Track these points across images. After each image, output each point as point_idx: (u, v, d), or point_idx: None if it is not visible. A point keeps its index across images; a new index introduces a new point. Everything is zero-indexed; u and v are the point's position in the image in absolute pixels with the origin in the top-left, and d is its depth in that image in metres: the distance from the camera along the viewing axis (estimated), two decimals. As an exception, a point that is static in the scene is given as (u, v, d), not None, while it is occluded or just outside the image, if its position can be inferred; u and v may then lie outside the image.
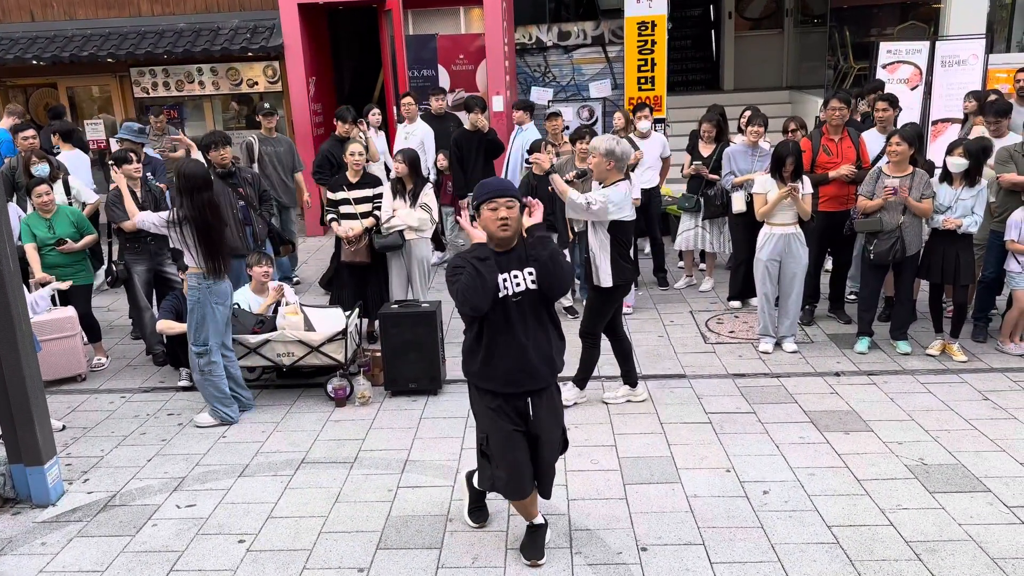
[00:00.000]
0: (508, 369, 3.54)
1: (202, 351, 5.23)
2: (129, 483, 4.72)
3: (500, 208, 3.45)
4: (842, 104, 6.53)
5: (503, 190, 3.50)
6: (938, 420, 5.10)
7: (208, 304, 5.18)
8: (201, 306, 5.19)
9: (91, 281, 6.63)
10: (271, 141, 8.33)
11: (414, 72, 10.40)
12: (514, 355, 3.53)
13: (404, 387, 5.73)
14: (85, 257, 6.57)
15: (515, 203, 3.49)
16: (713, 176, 7.40)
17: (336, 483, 4.59)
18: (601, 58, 11.85)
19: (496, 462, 3.66)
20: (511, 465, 3.62)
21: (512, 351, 3.52)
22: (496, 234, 3.48)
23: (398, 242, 6.43)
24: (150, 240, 6.37)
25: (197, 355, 5.25)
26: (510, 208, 3.46)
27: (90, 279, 6.61)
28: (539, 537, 3.86)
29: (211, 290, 5.19)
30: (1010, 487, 4.30)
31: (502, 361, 3.54)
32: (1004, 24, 12.19)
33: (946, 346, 6.09)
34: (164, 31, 11.01)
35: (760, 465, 4.63)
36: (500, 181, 3.67)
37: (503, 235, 3.47)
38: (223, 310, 5.29)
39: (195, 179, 5.15)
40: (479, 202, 3.50)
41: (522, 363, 3.54)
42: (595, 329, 5.39)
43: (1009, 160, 6.09)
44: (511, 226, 3.47)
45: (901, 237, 5.83)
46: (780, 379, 5.83)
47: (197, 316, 5.20)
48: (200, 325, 5.20)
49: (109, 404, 5.89)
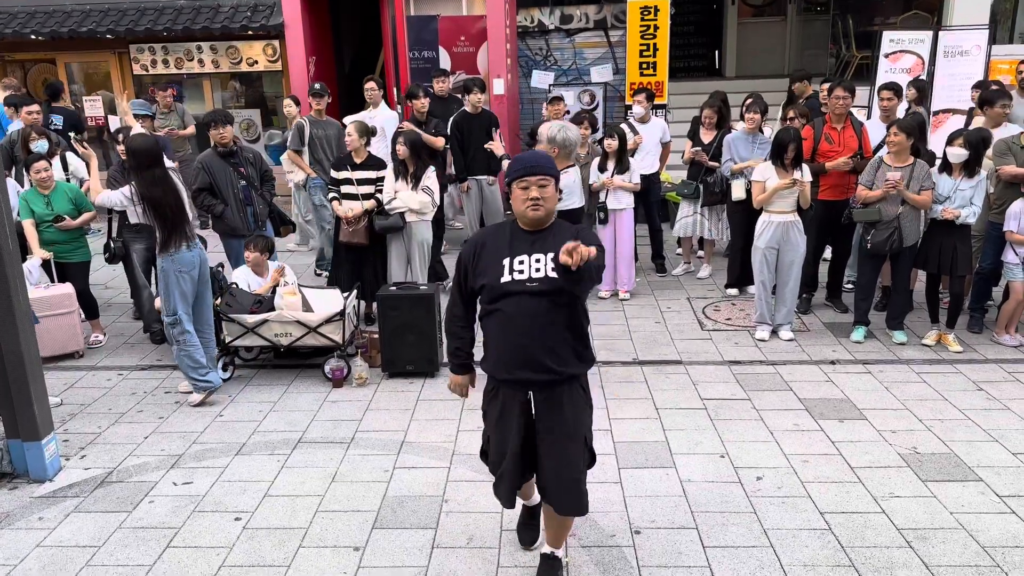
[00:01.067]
0: (513, 352, 3.20)
1: (173, 320, 5.24)
2: (126, 460, 4.74)
3: (531, 187, 3.11)
4: (847, 93, 6.52)
5: (535, 166, 3.14)
6: (932, 409, 5.13)
7: (171, 273, 5.17)
8: (165, 275, 5.18)
9: (88, 258, 6.64)
10: (321, 124, 8.13)
11: (415, 53, 10.34)
12: (514, 341, 3.19)
13: (401, 369, 5.75)
14: (83, 234, 6.56)
15: (548, 181, 3.14)
16: (713, 163, 7.40)
17: (333, 463, 4.61)
18: (603, 42, 11.79)
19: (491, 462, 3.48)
20: (500, 470, 3.40)
21: (513, 336, 3.19)
22: (525, 214, 3.14)
23: (399, 224, 6.43)
24: None
25: (169, 325, 5.27)
26: (542, 187, 3.12)
27: (87, 256, 6.62)
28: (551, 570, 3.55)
29: (174, 259, 5.15)
30: (1001, 476, 4.33)
31: (504, 345, 3.23)
32: (1007, 15, 12.15)
33: (942, 336, 6.12)
34: (164, 8, 10.93)
35: (754, 451, 4.66)
36: (534, 156, 3.25)
37: (533, 215, 3.13)
38: (188, 279, 5.26)
39: (141, 154, 5.11)
40: (510, 179, 3.19)
41: (523, 351, 3.18)
42: None
43: (1007, 152, 6.09)
44: (542, 206, 3.13)
45: (899, 228, 5.84)
46: (776, 367, 5.86)
47: (163, 285, 5.22)
48: (167, 294, 5.21)
49: (107, 381, 5.90)
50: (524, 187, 3.13)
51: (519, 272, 3.14)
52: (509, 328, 3.19)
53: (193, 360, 5.33)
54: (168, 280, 5.19)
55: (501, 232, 3.28)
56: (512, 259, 3.16)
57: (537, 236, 3.19)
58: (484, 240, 3.28)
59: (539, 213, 3.14)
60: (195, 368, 5.35)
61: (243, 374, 5.92)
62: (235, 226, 6.47)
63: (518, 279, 3.14)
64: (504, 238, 3.23)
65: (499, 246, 3.21)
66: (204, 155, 6.56)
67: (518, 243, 3.19)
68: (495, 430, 3.40)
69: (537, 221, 3.17)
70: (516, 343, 3.19)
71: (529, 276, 3.14)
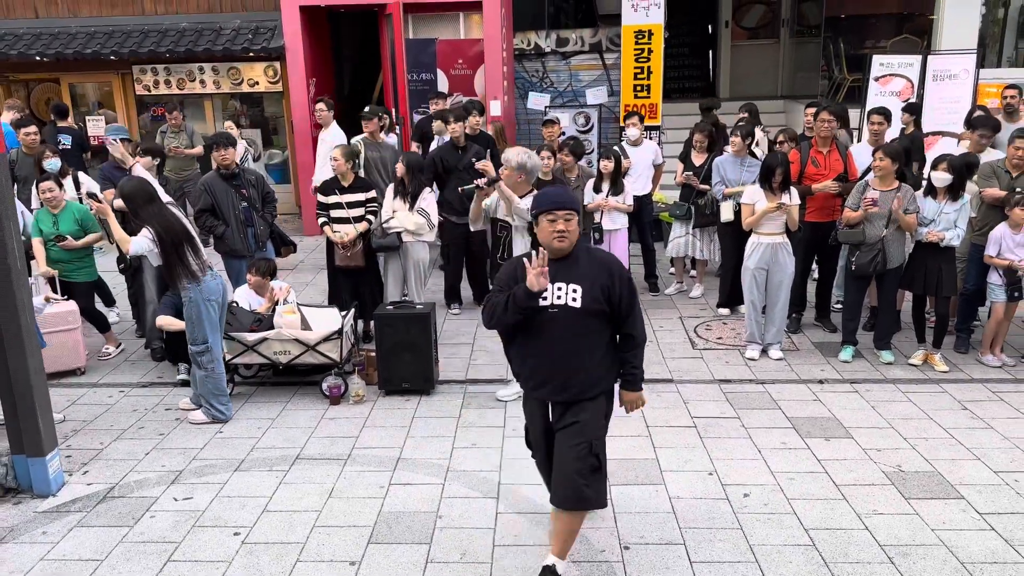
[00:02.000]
0: (533, 372, 3.60)
1: (202, 349, 5.34)
2: (127, 475, 4.84)
3: (559, 220, 3.44)
4: (832, 116, 6.68)
5: (563, 202, 3.48)
6: (917, 428, 5.24)
7: (200, 302, 5.28)
8: (194, 304, 5.28)
9: (93, 278, 6.75)
10: (376, 146, 8.03)
11: (413, 75, 10.51)
12: (539, 361, 3.55)
13: (398, 386, 5.86)
14: (89, 254, 6.68)
15: (573, 215, 3.48)
16: (704, 186, 7.55)
17: (330, 479, 4.71)
18: (598, 65, 11.99)
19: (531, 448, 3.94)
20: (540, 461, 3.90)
21: (538, 357, 3.56)
22: (552, 245, 3.47)
23: (395, 243, 6.56)
24: None
25: (198, 354, 5.36)
26: (568, 220, 3.45)
27: (92, 276, 6.73)
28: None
29: (202, 289, 5.27)
30: (983, 495, 4.44)
31: (530, 363, 3.61)
32: (996, 39, 12.37)
33: (928, 356, 6.24)
34: (167, 30, 11.13)
35: (742, 469, 4.77)
36: (560, 192, 3.71)
37: (559, 246, 3.47)
38: (216, 307, 5.39)
39: (135, 197, 5.19)
40: (538, 212, 3.51)
41: (545, 370, 3.54)
42: None
43: (992, 175, 6.25)
44: (568, 238, 3.47)
45: (883, 250, 5.98)
46: (765, 385, 5.97)
47: (193, 315, 5.31)
48: (197, 323, 5.31)
49: (108, 398, 6.01)
50: (552, 220, 3.45)
51: (542, 299, 3.45)
52: (531, 349, 3.57)
53: (219, 388, 5.45)
54: (198, 309, 5.28)
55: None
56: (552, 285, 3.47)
57: (561, 264, 3.50)
58: (522, 264, 3.51)
59: (564, 244, 3.48)
60: (218, 396, 5.47)
61: (242, 391, 6.03)
62: (236, 247, 6.60)
63: (544, 304, 3.46)
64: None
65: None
66: (206, 177, 6.71)
67: (554, 271, 3.47)
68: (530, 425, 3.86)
69: (562, 251, 3.49)
70: (536, 364, 3.57)
71: (551, 303, 3.45)
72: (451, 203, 7.53)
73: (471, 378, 6.22)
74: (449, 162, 7.57)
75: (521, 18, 11.98)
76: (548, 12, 13.16)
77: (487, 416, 5.52)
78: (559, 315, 3.45)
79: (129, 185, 5.34)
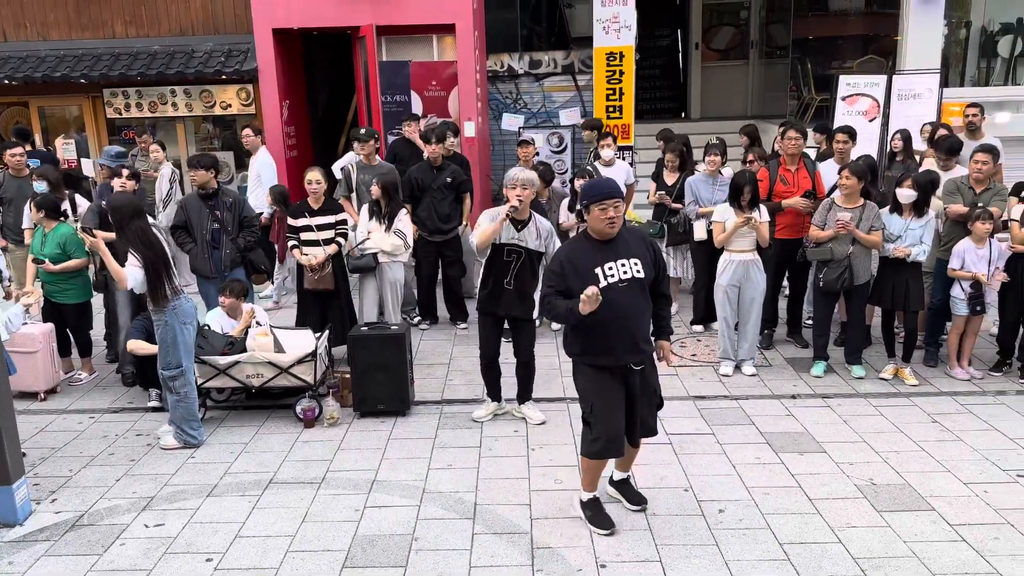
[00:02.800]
0: (614, 344, 4.04)
1: (176, 373, 5.28)
2: (97, 503, 4.76)
3: (609, 208, 3.95)
4: (798, 134, 6.80)
5: (612, 191, 4.01)
6: (888, 442, 5.31)
7: (175, 325, 5.23)
8: (168, 328, 5.23)
9: (82, 300, 6.64)
10: (369, 168, 7.76)
11: (387, 97, 10.55)
12: (619, 332, 4.03)
13: (372, 408, 5.83)
14: (75, 276, 6.58)
15: (620, 203, 4.02)
16: (676, 205, 7.63)
17: (303, 503, 4.66)
18: (571, 86, 12.11)
19: (596, 428, 4.14)
20: (612, 427, 4.12)
21: (616, 329, 4.02)
22: (604, 231, 4.00)
23: (371, 264, 6.55)
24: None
25: (171, 378, 5.28)
26: (616, 208, 3.97)
27: (79, 298, 6.62)
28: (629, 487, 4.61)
29: (176, 311, 5.22)
30: (953, 506, 4.50)
31: (609, 337, 4.03)
32: (958, 59, 12.67)
33: (898, 370, 6.32)
34: (138, 53, 11.08)
35: (717, 485, 4.79)
36: (608, 182, 4.16)
37: (610, 231, 4.00)
38: (191, 330, 5.35)
39: (123, 210, 5.17)
40: (590, 202, 3.99)
41: (626, 339, 4.05)
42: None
43: (956, 192, 6.38)
44: (616, 224, 3.99)
45: (850, 266, 6.07)
46: (739, 401, 6.01)
47: (168, 338, 5.25)
48: (172, 347, 5.25)
49: (78, 424, 5.91)
50: (603, 208, 3.97)
51: (611, 276, 4.01)
52: (613, 324, 4.01)
53: (190, 413, 5.39)
54: (173, 332, 5.22)
55: (580, 247, 4.13)
56: (603, 267, 4.01)
57: (611, 245, 4.06)
58: (568, 256, 4.10)
59: (615, 229, 4.02)
60: (190, 421, 5.40)
61: (215, 415, 5.96)
62: (199, 267, 6.57)
63: (611, 282, 4.00)
64: (587, 251, 4.07)
65: (585, 259, 4.04)
66: (187, 195, 6.73)
67: (602, 254, 4.04)
68: (598, 397, 4.16)
69: (612, 235, 4.04)
70: (622, 333, 4.05)
71: (619, 278, 4.01)
72: (424, 222, 7.63)
73: (447, 398, 6.20)
74: (424, 181, 7.65)
75: (494, 40, 12.08)
76: (521, 34, 13.29)
77: (463, 436, 5.51)
78: (627, 287, 4.01)
79: (120, 198, 5.33)
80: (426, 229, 7.64)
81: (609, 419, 4.13)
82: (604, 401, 4.14)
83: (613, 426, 4.14)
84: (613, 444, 4.16)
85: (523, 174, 5.28)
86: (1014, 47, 12.24)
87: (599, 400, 4.15)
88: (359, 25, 10.24)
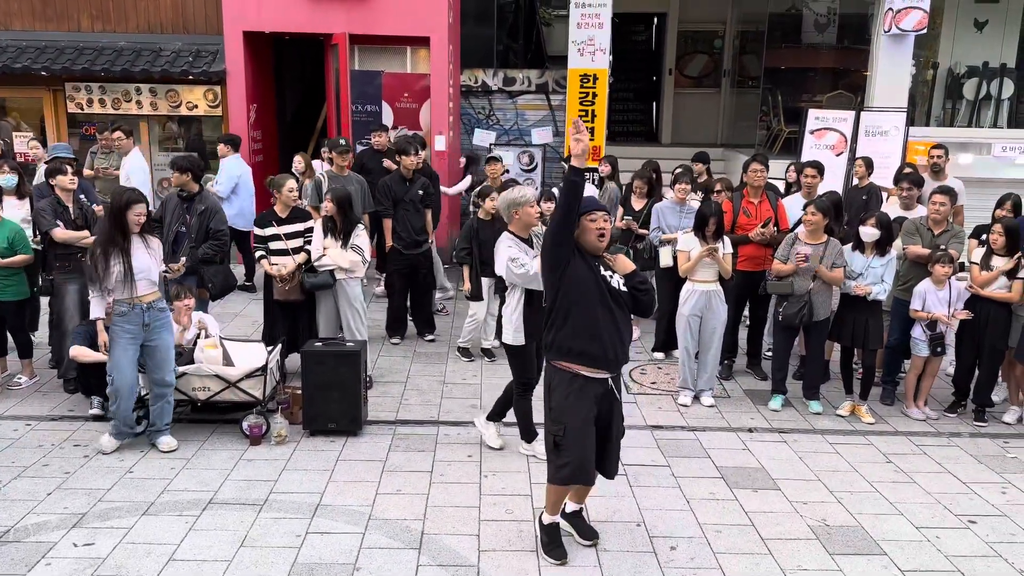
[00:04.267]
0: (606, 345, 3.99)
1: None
2: (25, 518, 4.53)
3: (598, 219, 3.95)
4: (761, 167, 6.81)
5: (600, 204, 4.06)
6: (843, 481, 5.27)
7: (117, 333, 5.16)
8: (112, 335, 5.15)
9: (21, 297, 6.38)
10: (340, 180, 7.57)
11: (358, 107, 10.43)
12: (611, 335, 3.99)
13: (323, 427, 5.66)
14: (17, 273, 6.33)
15: (609, 217, 4.07)
16: (643, 231, 7.59)
17: (243, 526, 4.49)
18: (544, 105, 12.08)
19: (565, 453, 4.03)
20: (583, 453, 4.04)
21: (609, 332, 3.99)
22: (594, 243, 3.97)
23: (328, 282, 6.38)
24: (81, 256, 6.26)
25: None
26: (606, 220, 4.00)
27: (19, 295, 6.36)
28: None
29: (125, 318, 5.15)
30: (904, 551, 4.46)
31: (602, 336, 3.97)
32: (925, 99, 12.90)
33: (855, 407, 6.32)
34: (104, 48, 10.80)
35: (670, 520, 4.71)
36: (593, 196, 4.19)
37: (601, 244, 3.99)
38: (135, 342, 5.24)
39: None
40: (579, 214, 3.91)
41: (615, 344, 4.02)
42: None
43: (915, 232, 6.42)
44: (605, 238, 4.01)
45: (809, 302, 6.07)
46: (696, 433, 5.95)
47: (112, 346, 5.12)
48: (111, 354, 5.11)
49: (13, 432, 5.67)
50: (593, 219, 3.94)
51: (612, 279, 3.99)
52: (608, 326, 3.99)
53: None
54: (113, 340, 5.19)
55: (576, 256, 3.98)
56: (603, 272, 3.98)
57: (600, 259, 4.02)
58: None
59: (604, 242, 4.00)
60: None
61: (158, 428, 5.75)
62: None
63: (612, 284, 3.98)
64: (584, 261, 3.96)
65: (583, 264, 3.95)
66: (169, 193, 6.59)
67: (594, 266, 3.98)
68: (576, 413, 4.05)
69: (601, 248, 4.01)
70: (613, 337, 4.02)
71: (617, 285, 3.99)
72: (399, 233, 7.61)
73: (401, 418, 6.06)
74: (397, 193, 7.63)
75: (470, 55, 12.02)
76: (497, 50, 13.26)
77: (414, 460, 5.37)
78: (621, 296, 4.00)
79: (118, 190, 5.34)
80: (401, 242, 7.60)
81: (580, 444, 4.03)
82: (578, 423, 4.02)
83: (584, 452, 4.04)
84: (582, 470, 4.06)
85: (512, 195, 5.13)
86: (979, 90, 12.50)
87: (573, 421, 4.02)
88: (332, 32, 10.11)
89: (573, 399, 4.03)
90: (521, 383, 5.35)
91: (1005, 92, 12.43)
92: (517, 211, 5.10)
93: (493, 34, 12.88)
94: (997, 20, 12.56)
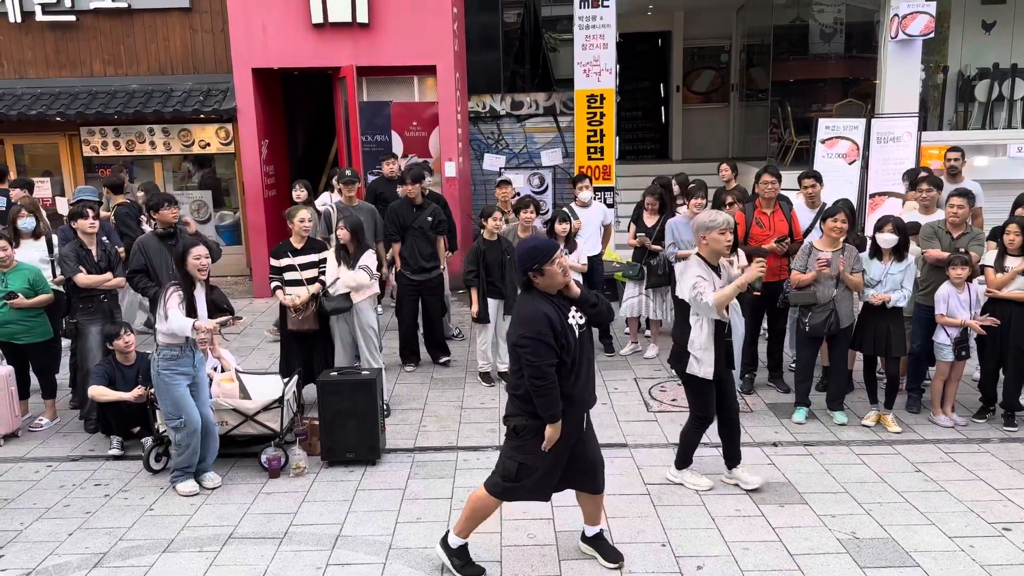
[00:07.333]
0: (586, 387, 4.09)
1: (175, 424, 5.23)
2: (47, 559, 4.53)
3: (556, 259, 3.93)
4: (773, 178, 6.75)
5: (555, 247, 3.99)
6: (871, 492, 5.16)
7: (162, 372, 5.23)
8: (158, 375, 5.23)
9: (46, 338, 6.44)
10: (348, 211, 7.42)
11: (367, 137, 10.52)
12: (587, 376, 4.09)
13: (341, 457, 5.63)
14: (41, 314, 6.40)
15: (564, 250, 4.17)
16: (656, 247, 7.55)
17: (263, 560, 4.45)
18: (552, 127, 12.12)
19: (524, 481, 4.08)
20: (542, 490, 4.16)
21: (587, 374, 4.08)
22: (559, 282, 3.94)
23: (345, 305, 6.39)
24: (103, 297, 6.31)
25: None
26: (563, 258, 4.00)
27: (44, 336, 6.42)
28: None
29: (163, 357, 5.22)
30: (938, 562, 4.34)
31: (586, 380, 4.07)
32: (936, 103, 12.80)
33: (881, 417, 6.20)
34: (116, 92, 11.00)
35: (695, 539, 4.62)
36: (548, 241, 4.17)
37: (566, 279, 3.97)
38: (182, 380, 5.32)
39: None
40: (541, 264, 3.88)
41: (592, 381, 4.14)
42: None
43: (933, 236, 6.32)
44: (567, 269, 4.02)
45: (835, 310, 5.97)
46: (718, 449, 5.84)
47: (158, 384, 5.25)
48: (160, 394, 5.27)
49: (34, 473, 5.68)
50: (552, 262, 3.90)
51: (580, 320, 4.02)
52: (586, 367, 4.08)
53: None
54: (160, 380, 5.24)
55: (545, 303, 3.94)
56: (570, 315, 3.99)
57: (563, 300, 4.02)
58: (547, 316, 3.90)
59: (568, 276, 3.99)
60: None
61: (178, 464, 5.74)
62: None
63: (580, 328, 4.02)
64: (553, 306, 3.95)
65: (557, 314, 3.93)
66: (143, 236, 6.58)
67: (561, 307, 3.97)
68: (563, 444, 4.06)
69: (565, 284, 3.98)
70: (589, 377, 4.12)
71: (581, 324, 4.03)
72: (406, 259, 7.64)
73: (419, 446, 6.02)
74: (406, 220, 7.65)
75: (477, 81, 12.11)
76: (504, 76, 13.34)
77: (434, 487, 5.32)
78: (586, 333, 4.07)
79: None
80: (408, 267, 7.61)
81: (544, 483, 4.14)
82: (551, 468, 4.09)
83: (544, 489, 4.19)
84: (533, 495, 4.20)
85: (719, 216, 5.01)
86: (991, 91, 12.39)
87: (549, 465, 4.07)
88: (339, 65, 10.22)
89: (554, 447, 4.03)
90: (698, 417, 5.21)
91: (1017, 92, 12.32)
92: (705, 236, 4.94)
93: (499, 59, 12.97)
94: (1005, 21, 12.47)
